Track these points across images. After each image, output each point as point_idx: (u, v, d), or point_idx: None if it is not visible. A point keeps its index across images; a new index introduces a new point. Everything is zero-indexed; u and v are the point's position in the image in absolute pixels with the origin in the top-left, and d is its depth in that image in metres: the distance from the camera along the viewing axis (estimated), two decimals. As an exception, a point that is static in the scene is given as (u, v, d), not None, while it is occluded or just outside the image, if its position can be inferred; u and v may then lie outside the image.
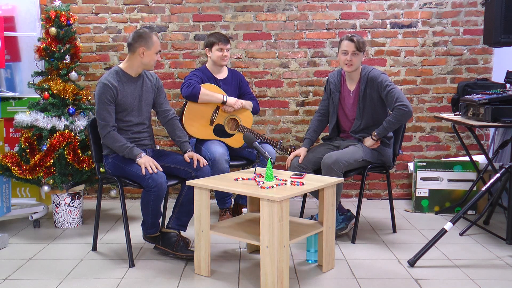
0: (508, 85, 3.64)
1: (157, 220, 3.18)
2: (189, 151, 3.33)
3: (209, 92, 3.77)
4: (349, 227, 3.54)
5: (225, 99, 3.79)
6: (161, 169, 3.11)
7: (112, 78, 3.20)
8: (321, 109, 3.78)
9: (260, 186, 2.76)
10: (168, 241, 3.18)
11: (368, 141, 3.53)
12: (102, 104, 3.16)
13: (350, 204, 4.44)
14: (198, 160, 3.25)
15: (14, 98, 4.30)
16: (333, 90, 3.67)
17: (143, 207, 3.11)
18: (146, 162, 3.07)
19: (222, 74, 3.98)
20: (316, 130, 3.76)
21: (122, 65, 3.29)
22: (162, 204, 3.16)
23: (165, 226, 3.30)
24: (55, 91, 3.77)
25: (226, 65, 4.01)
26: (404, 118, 3.41)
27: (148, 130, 3.41)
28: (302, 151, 3.60)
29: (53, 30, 3.83)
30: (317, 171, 3.52)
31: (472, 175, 4.24)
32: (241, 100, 3.89)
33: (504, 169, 3.33)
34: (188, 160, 3.25)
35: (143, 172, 3.05)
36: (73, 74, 3.91)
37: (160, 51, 3.28)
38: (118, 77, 3.23)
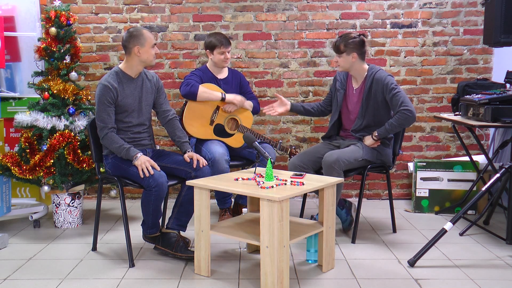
0: (508, 85, 3.64)
1: (158, 220, 3.18)
2: (189, 151, 3.33)
3: (208, 90, 3.76)
4: (353, 216, 3.60)
5: (223, 96, 3.79)
6: (159, 169, 3.10)
7: (112, 80, 3.19)
8: (324, 101, 3.84)
9: (260, 186, 2.76)
10: (168, 242, 3.18)
11: (368, 140, 3.53)
12: (102, 106, 3.16)
13: (350, 204, 4.44)
14: (198, 160, 3.24)
15: (14, 98, 4.30)
16: (338, 88, 3.68)
17: (144, 207, 3.11)
18: (142, 164, 3.06)
19: (223, 74, 3.98)
20: (310, 105, 3.83)
21: (121, 66, 3.28)
22: (162, 204, 3.16)
23: (165, 226, 3.30)
24: (55, 91, 3.77)
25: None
26: (407, 122, 3.40)
27: (148, 131, 3.41)
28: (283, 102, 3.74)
29: (53, 30, 3.83)
30: (317, 171, 3.53)
31: (472, 175, 4.24)
32: (240, 95, 3.88)
33: (504, 169, 3.33)
34: (188, 160, 3.25)
35: (141, 174, 3.04)
36: (73, 74, 3.91)
37: (155, 43, 3.26)
38: (118, 78, 3.23)
